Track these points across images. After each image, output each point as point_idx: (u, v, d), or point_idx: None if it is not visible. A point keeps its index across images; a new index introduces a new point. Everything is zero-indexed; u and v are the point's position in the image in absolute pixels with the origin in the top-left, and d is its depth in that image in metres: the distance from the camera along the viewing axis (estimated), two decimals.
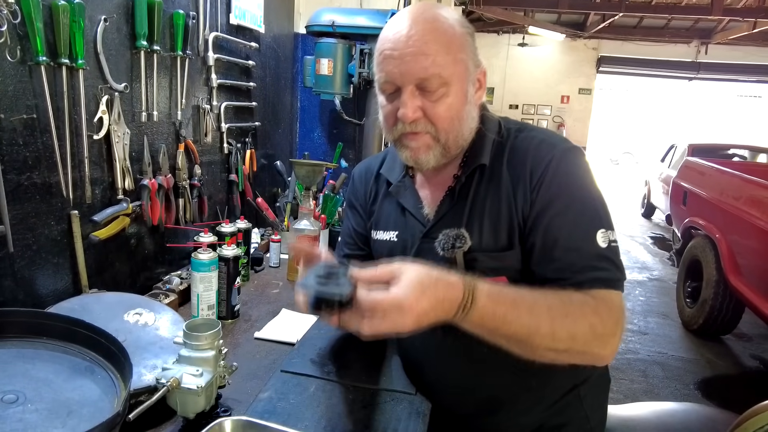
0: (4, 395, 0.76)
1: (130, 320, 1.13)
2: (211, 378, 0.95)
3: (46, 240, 1.14)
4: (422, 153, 0.95)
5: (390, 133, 0.97)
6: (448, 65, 0.89)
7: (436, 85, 0.89)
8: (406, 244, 1.07)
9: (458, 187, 0.99)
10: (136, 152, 1.40)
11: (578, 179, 0.94)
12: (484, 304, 0.78)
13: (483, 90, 0.99)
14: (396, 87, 0.91)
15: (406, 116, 0.90)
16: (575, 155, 0.95)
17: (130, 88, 1.34)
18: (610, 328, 0.86)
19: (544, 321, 0.81)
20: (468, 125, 0.96)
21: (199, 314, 1.39)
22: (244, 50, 2.00)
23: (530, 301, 0.83)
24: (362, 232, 1.18)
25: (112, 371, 0.87)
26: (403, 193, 1.08)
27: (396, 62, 0.89)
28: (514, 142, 0.98)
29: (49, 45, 1.09)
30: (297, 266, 0.96)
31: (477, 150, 0.99)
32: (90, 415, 0.77)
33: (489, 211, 0.96)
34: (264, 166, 2.30)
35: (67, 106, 1.14)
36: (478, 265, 0.95)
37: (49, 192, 1.13)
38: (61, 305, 1.10)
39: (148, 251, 1.53)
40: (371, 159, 1.22)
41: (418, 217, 1.04)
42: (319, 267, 0.83)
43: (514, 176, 0.95)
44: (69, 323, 0.89)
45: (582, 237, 0.90)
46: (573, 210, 0.92)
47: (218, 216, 1.90)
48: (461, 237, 0.94)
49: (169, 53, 1.51)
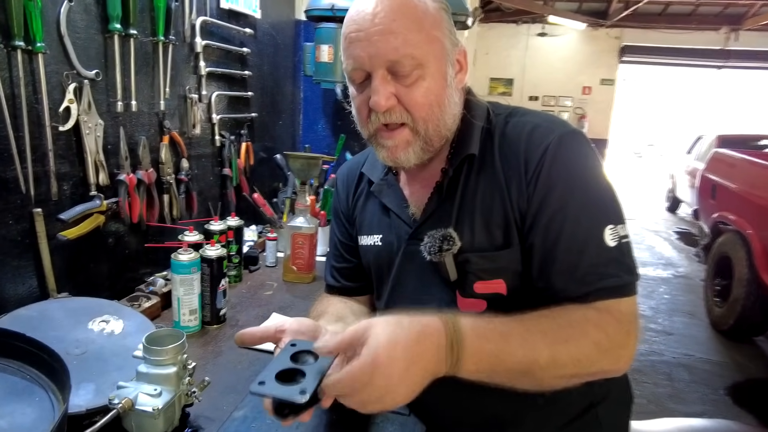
0: None
1: (95, 328, 1.03)
2: (172, 398, 0.84)
3: (2, 240, 1.04)
4: (401, 151, 0.83)
5: (365, 128, 0.86)
6: (422, 44, 0.78)
7: (410, 67, 0.77)
8: (391, 248, 0.95)
9: (446, 182, 0.87)
10: (111, 145, 1.29)
11: (580, 168, 0.81)
12: (471, 341, 0.66)
13: (465, 72, 0.87)
14: (366, 73, 0.80)
15: (378, 104, 0.78)
16: (575, 140, 0.82)
17: (103, 76, 1.24)
18: (619, 340, 0.74)
19: (541, 350, 0.69)
20: (450, 111, 0.84)
21: (180, 319, 1.29)
22: (238, 36, 1.88)
23: (521, 330, 0.70)
24: (347, 242, 1.08)
25: (54, 392, 0.76)
26: (386, 192, 0.97)
27: (362, 45, 0.77)
28: (505, 129, 0.86)
29: (2, 26, 0.99)
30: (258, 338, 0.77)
31: (464, 139, 0.87)
32: None
33: (480, 207, 0.84)
34: (263, 159, 2.19)
35: (25, 93, 1.04)
36: (470, 268, 0.84)
37: (5, 188, 1.04)
38: (17, 313, 1.00)
39: (129, 251, 1.43)
40: (355, 158, 1.10)
41: (403, 217, 0.93)
42: (280, 355, 0.67)
43: (507, 167, 0.83)
44: (5, 336, 0.79)
45: (586, 235, 0.78)
46: (575, 204, 0.79)
47: (210, 213, 1.80)
48: (449, 238, 0.82)
49: (149, 38, 1.40)
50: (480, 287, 0.85)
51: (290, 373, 0.63)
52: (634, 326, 0.77)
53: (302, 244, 1.67)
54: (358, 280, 1.07)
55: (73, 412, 0.83)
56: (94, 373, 0.93)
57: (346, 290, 1.09)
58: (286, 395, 0.59)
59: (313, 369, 0.63)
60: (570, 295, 0.77)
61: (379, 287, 1.02)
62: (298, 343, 0.70)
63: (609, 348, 0.73)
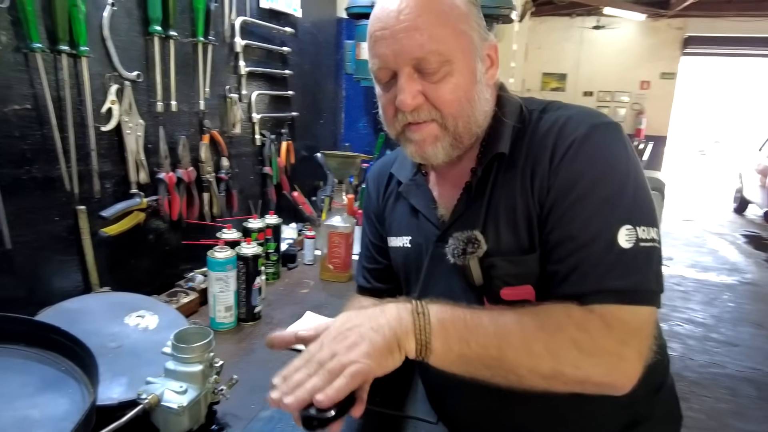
0: None
1: (131, 323, 1.06)
2: (197, 396, 0.85)
3: (48, 236, 1.09)
4: (429, 145, 0.80)
5: (391, 127, 0.83)
6: (448, 39, 0.75)
7: (437, 63, 0.74)
8: (420, 250, 0.93)
9: (475, 182, 0.83)
10: (152, 144, 1.33)
11: (607, 160, 0.75)
12: (440, 312, 0.68)
13: (496, 67, 0.83)
14: (392, 72, 0.78)
15: (404, 103, 0.76)
16: (607, 131, 0.76)
17: (144, 77, 1.27)
18: (605, 346, 0.68)
19: (513, 331, 0.68)
20: (480, 108, 0.80)
21: (216, 316, 1.31)
22: (279, 36, 1.90)
23: (493, 314, 0.70)
24: (378, 243, 1.06)
25: (86, 384, 0.79)
26: (414, 192, 0.94)
27: (387, 42, 0.75)
28: (537, 125, 0.81)
29: (48, 31, 1.03)
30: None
31: (494, 138, 0.83)
32: None
33: (506, 208, 0.80)
34: (304, 158, 2.20)
35: (70, 95, 1.08)
36: (496, 272, 0.80)
37: (51, 186, 1.08)
38: (61, 305, 1.04)
39: (169, 247, 1.46)
40: (386, 158, 1.08)
41: (431, 218, 0.90)
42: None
43: (534, 162, 0.78)
44: (43, 329, 0.82)
45: (597, 233, 0.72)
46: (595, 195, 0.73)
47: (251, 210, 1.83)
48: (473, 240, 0.79)
49: (189, 39, 1.43)
50: (507, 293, 0.80)
51: None
52: (635, 338, 0.69)
53: (338, 243, 1.66)
54: (388, 282, 1.05)
55: (106, 405, 0.85)
56: (128, 367, 0.95)
57: (376, 291, 1.07)
58: (314, 412, 0.59)
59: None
60: (567, 294, 0.72)
61: (408, 290, 0.99)
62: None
63: (593, 352, 0.67)
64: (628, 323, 0.69)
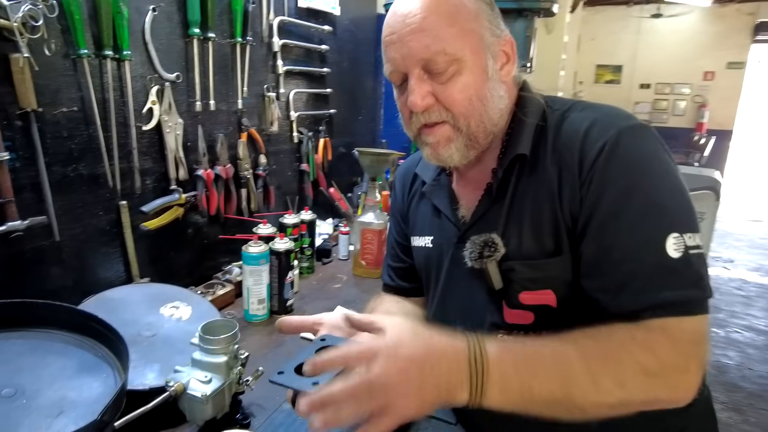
0: (4, 389, 0.75)
1: (166, 314, 1.12)
2: (221, 386, 0.89)
3: (94, 230, 1.17)
4: (442, 147, 0.80)
5: (408, 129, 0.84)
6: (454, 38, 0.74)
7: (444, 63, 0.74)
8: (441, 251, 0.93)
9: (496, 184, 0.82)
10: (191, 142, 1.39)
11: (641, 166, 0.72)
12: (497, 366, 0.61)
13: (512, 63, 0.82)
14: (403, 75, 0.78)
15: (414, 104, 0.76)
16: (638, 135, 0.73)
17: (183, 78, 1.33)
18: (674, 363, 0.65)
19: (578, 373, 0.63)
20: (494, 105, 0.79)
21: (249, 308, 1.36)
22: (317, 34, 1.93)
23: (554, 351, 0.65)
24: (403, 242, 1.06)
25: (118, 369, 0.84)
26: (437, 193, 0.94)
27: (396, 47, 0.76)
28: (561, 126, 0.79)
29: (94, 37, 1.10)
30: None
31: (514, 138, 0.81)
32: (80, 417, 0.74)
33: (530, 212, 0.78)
34: (342, 154, 2.23)
35: (113, 97, 1.15)
36: (515, 276, 0.78)
37: (96, 183, 1.15)
38: (103, 294, 1.11)
39: (208, 241, 1.53)
40: (413, 157, 1.08)
41: (452, 219, 0.90)
42: (307, 348, 0.68)
43: (560, 168, 0.76)
44: (83, 316, 0.88)
45: (644, 244, 0.69)
46: (633, 208, 0.70)
47: (288, 206, 1.87)
48: (490, 244, 0.78)
49: (227, 40, 1.48)
50: (526, 298, 0.79)
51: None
52: (698, 349, 0.67)
53: (371, 239, 1.68)
54: (412, 281, 1.06)
55: (138, 389, 0.91)
56: (160, 355, 1.01)
57: (401, 290, 1.08)
58: (298, 386, 0.60)
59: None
60: (622, 311, 0.69)
61: (429, 291, 0.99)
62: (328, 338, 0.71)
63: (660, 372, 0.65)
64: (690, 334, 0.67)
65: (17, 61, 0.95)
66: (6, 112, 0.96)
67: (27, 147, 1.00)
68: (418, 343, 0.60)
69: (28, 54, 0.95)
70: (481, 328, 0.85)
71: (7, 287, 1.01)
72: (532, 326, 0.80)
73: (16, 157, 0.98)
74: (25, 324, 0.86)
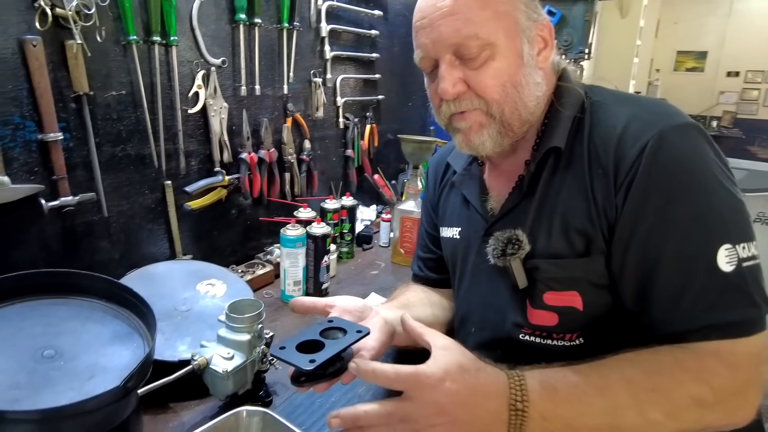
0: (45, 350, 0.82)
1: (201, 290, 1.17)
2: (243, 363, 0.92)
3: (140, 207, 1.24)
4: (474, 133, 0.77)
5: (439, 117, 0.82)
6: (487, 22, 0.71)
7: (476, 48, 0.71)
8: (468, 243, 0.91)
9: (528, 177, 0.79)
10: (235, 126, 1.43)
11: (688, 171, 0.66)
12: (540, 396, 0.60)
13: (550, 48, 0.77)
14: (434, 61, 0.76)
15: (445, 92, 0.74)
16: (683, 136, 0.67)
17: (229, 63, 1.37)
18: (732, 390, 0.61)
19: (625, 406, 0.60)
20: (530, 92, 0.75)
21: (285, 289, 1.40)
22: (367, 19, 1.92)
23: (600, 383, 0.61)
24: (433, 232, 1.05)
25: (147, 340, 0.89)
26: (467, 183, 0.92)
27: (426, 32, 0.74)
28: (599, 119, 0.74)
29: (143, 24, 1.15)
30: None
31: (550, 130, 0.77)
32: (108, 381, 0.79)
33: (561, 208, 0.74)
34: (390, 141, 2.22)
35: (161, 81, 1.20)
36: (539, 275, 0.75)
37: (143, 163, 1.22)
38: (146, 269, 1.18)
39: (251, 222, 1.58)
40: (446, 147, 1.06)
41: (480, 211, 0.87)
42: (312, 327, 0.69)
43: (595, 166, 0.71)
44: (120, 288, 0.94)
45: (693, 257, 0.64)
46: (680, 217, 0.65)
47: (331, 191, 1.90)
48: (514, 241, 0.75)
49: (274, 26, 1.50)
50: (551, 298, 0.75)
51: (314, 344, 0.65)
52: (756, 372, 0.62)
53: (410, 228, 1.67)
54: (440, 272, 1.04)
55: (167, 360, 0.96)
56: (192, 329, 1.06)
57: (429, 281, 1.07)
58: (295, 361, 0.61)
59: (333, 344, 0.64)
60: (673, 331, 0.64)
61: (455, 283, 0.97)
62: (336, 320, 0.72)
63: (715, 402, 0.60)
64: (746, 358, 0.62)
65: (71, 47, 1.01)
66: (62, 95, 1.03)
67: (79, 128, 1.07)
68: (463, 383, 0.59)
69: (81, 41, 1.02)
70: (505, 327, 0.82)
71: (61, 258, 1.09)
72: (556, 328, 0.77)
73: (69, 137, 1.06)
74: (70, 292, 0.93)
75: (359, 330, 0.67)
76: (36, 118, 0.99)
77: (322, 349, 0.64)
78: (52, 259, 1.07)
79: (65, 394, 0.75)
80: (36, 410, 0.69)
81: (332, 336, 0.68)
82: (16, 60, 0.96)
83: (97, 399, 0.72)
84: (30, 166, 1.01)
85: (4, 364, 0.77)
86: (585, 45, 1.84)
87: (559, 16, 1.81)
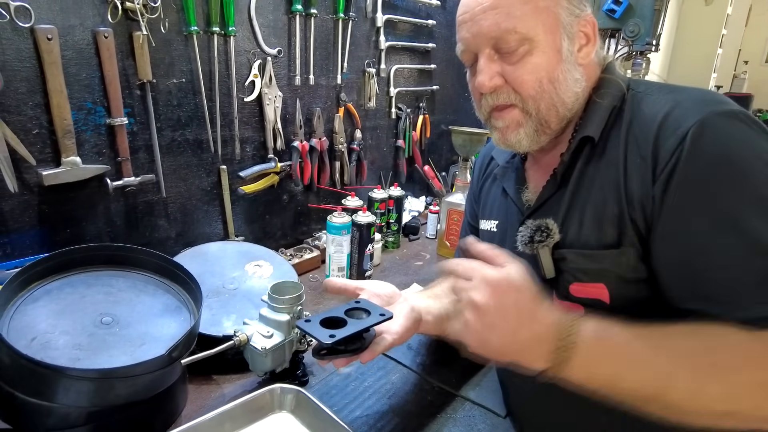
0: (104, 317, 0.90)
1: (249, 270, 1.23)
2: (281, 342, 0.96)
3: (196, 189, 1.31)
4: (511, 132, 0.77)
5: (479, 111, 0.83)
6: (527, 16, 0.70)
7: (515, 42, 0.71)
8: (504, 236, 0.90)
9: (562, 169, 0.78)
10: (289, 114, 1.48)
11: (736, 159, 0.61)
12: (588, 341, 0.61)
13: (592, 44, 0.76)
14: (474, 55, 0.77)
15: (482, 85, 0.74)
16: (727, 123, 0.62)
17: (285, 53, 1.41)
18: None
19: (680, 370, 0.58)
20: (568, 89, 0.74)
21: (330, 274, 1.44)
22: (424, 9, 1.90)
23: (657, 338, 0.60)
24: (474, 224, 1.06)
25: (193, 313, 0.95)
26: (507, 175, 0.92)
27: (468, 26, 0.74)
28: (639, 109, 0.71)
29: (204, 15, 1.21)
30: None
31: (586, 121, 0.76)
32: (156, 350, 0.86)
33: (594, 199, 0.73)
34: (443, 132, 2.21)
35: (219, 70, 1.26)
36: (566, 266, 0.74)
37: (200, 147, 1.29)
38: (200, 247, 1.25)
39: (301, 208, 1.63)
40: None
41: (517, 202, 0.87)
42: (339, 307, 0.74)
43: (632, 154, 0.69)
44: (171, 264, 1.00)
45: (745, 247, 0.59)
46: (728, 207, 0.60)
47: (380, 181, 1.92)
48: (543, 229, 0.75)
49: (330, 16, 1.53)
50: (577, 290, 0.74)
51: (338, 321, 0.70)
52: None
53: (456, 220, 1.66)
54: None
55: (212, 335, 1.02)
56: (238, 307, 1.11)
57: None
58: (316, 334, 0.66)
59: (355, 323, 0.69)
60: (731, 318, 0.60)
61: None
62: (363, 302, 0.76)
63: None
64: None
65: (138, 38, 1.09)
66: (128, 83, 1.11)
67: (143, 113, 1.15)
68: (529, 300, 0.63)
69: (147, 32, 1.08)
70: None
71: (123, 233, 1.18)
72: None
73: (133, 121, 1.13)
74: (128, 265, 1.01)
75: (382, 314, 0.69)
76: (105, 104, 1.08)
77: (344, 326, 0.67)
78: (115, 234, 1.16)
79: (118, 358, 0.82)
80: (93, 369, 0.76)
81: (356, 316, 0.72)
82: (90, 50, 1.04)
83: (145, 365, 0.78)
84: (99, 147, 1.09)
85: (69, 326, 0.85)
86: (653, 36, 1.73)
87: (626, 5, 1.70)
